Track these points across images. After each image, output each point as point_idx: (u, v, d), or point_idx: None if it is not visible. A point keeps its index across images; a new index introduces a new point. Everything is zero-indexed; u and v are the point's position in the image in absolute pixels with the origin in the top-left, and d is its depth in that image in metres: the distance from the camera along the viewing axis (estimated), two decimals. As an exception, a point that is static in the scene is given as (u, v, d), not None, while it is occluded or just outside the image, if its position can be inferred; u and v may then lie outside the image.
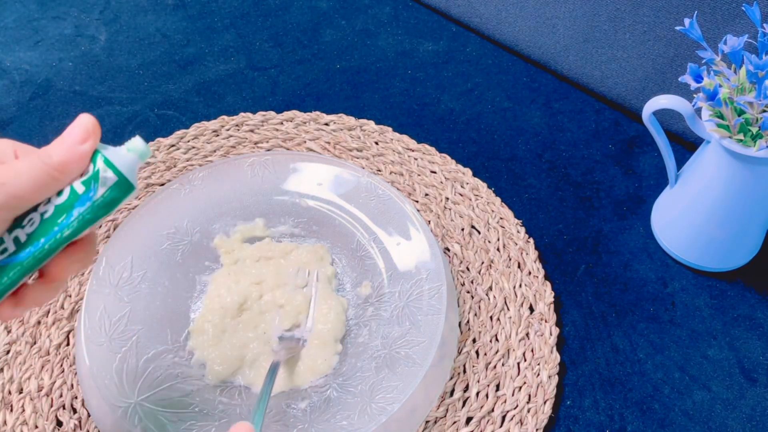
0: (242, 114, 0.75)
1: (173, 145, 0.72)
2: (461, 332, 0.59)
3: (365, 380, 0.54)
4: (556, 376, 0.57)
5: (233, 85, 0.79)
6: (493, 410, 0.55)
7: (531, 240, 0.65)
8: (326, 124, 0.74)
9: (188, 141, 0.72)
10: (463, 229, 0.65)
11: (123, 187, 0.42)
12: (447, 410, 0.55)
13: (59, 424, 0.54)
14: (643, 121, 0.59)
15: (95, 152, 0.42)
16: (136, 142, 0.42)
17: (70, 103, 0.77)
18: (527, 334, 0.59)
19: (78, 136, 0.40)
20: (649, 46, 0.71)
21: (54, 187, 0.40)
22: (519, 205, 0.68)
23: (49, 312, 0.59)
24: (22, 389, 0.56)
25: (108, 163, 0.41)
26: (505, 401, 0.55)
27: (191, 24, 0.86)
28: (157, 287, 0.58)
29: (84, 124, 0.41)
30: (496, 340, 0.59)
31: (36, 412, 0.54)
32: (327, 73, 0.80)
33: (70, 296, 0.60)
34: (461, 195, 0.68)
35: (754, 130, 0.53)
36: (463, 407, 0.55)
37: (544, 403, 0.55)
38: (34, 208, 0.41)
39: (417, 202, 0.67)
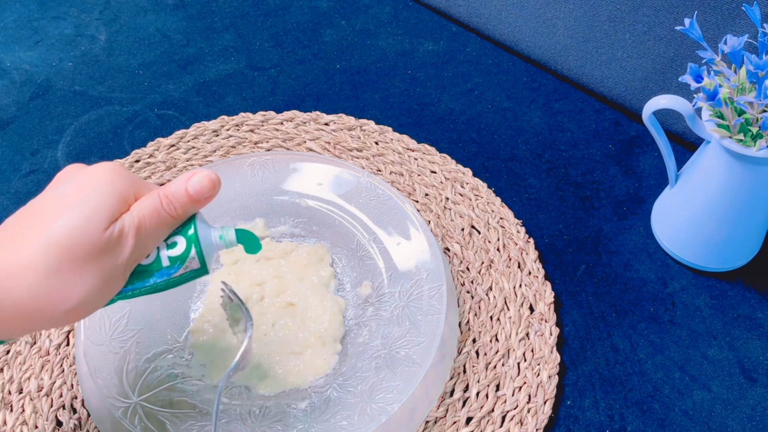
0: (242, 114, 0.75)
1: (173, 145, 0.72)
2: (461, 332, 0.59)
3: (365, 380, 0.54)
4: (556, 376, 0.57)
5: (233, 85, 0.79)
6: (493, 410, 0.55)
7: (531, 240, 0.65)
8: (326, 124, 0.74)
9: (188, 141, 0.72)
10: (463, 229, 0.65)
11: (200, 272, 0.44)
12: (447, 410, 0.55)
13: (59, 424, 0.54)
14: (643, 121, 0.59)
15: (192, 219, 0.43)
16: (230, 234, 0.45)
17: (70, 103, 0.77)
18: (527, 334, 0.59)
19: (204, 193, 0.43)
20: (649, 46, 0.71)
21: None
22: (519, 205, 0.68)
23: (49, 312, 0.59)
24: (22, 389, 0.56)
25: (198, 250, 0.43)
26: (505, 401, 0.55)
27: (191, 24, 0.86)
28: (157, 287, 0.58)
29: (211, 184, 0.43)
30: (496, 340, 0.59)
31: (36, 412, 0.54)
32: (327, 73, 0.80)
33: (70, 296, 0.60)
34: (461, 195, 0.68)
35: (754, 130, 0.53)
36: (463, 407, 0.55)
37: (544, 403, 0.55)
38: None
39: (417, 202, 0.67)
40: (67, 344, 0.58)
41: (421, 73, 0.80)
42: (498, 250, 0.64)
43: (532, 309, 0.60)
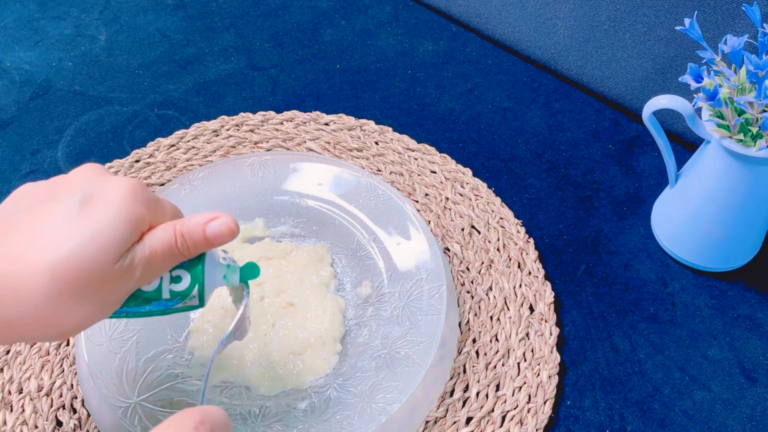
0: (242, 114, 0.75)
1: (173, 145, 0.72)
2: (461, 332, 0.59)
3: (365, 380, 0.54)
4: (556, 376, 0.57)
5: (233, 85, 0.79)
6: (493, 410, 0.55)
7: (531, 240, 0.65)
8: (326, 124, 0.74)
9: (188, 141, 0.72)
10: (463, 229, 0.65)
11: (197, 307, 0.44)
12: (447, 410, 0.55)
13: (59, 424, 0.54)
14: (643, 121, 0.59)
15: (202, 257, 0.43)
16: (234, 277, 0.44)
17: (70, 103, 0.77)
18: (527, 334, 0.59)
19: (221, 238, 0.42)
20: (649, 46, 0.71)
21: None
22: (519, 205, 0.68)
23: (49, 312, 0.59)
24: (22, 389, 0.56)
25: (200, 290, 0.43)
26: (505, 401, 0.55)
27: (191, 24, 0.86)
28: (157, 287, 0.58)
29: (230, 231, 0.42)
30: (496, 340, 0.59)
31: (36, 412, 0.54)
32: (327, 73, 0.80)
33: (70, 296, 0.60)
34: (461, 195, 0.68)
35: (754, 130, 0.53)
36: (463, 407, 0.55)
37: (544, 403, 0.55)
38: None
39: (417, 202, 0.67)
40: (67, 344, 0.58)
41: (421, 73, 0.80)
42: (498, 250, 0.64)
43: (532, 309, 0.60)
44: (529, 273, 0.62)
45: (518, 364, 0.57)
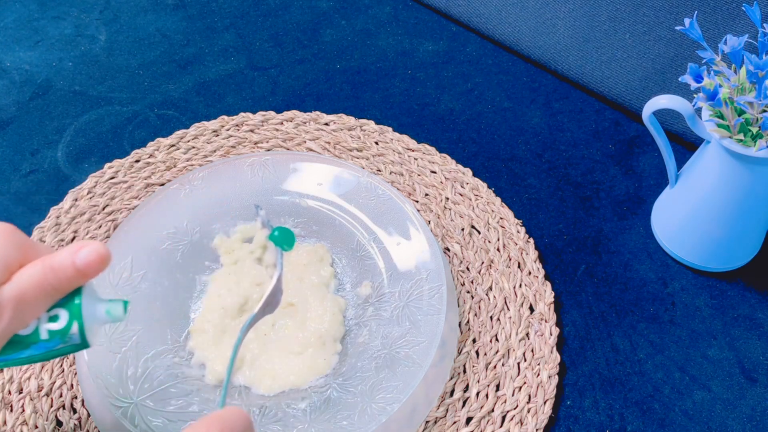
0: (242, 114, 0.75)
1: (173, 145, 0.72)
2: (461, 332, 0.59)
3: (365, 380, 0.54)
4: (556, 376, 0.57)
5: (233, 85, 0.79)
6: (493, 410, 0.55)
7: (531, 240, 0.65)
8: (326, 124, 0.74)
9: (188, 141, 0.72)
10: (463, 229, 0.65)
11: (81, 346, 0.41)
12: (447, 410, 0.55)
13: (59, 424, 0.54)
14: (643, 121, 0.59)
15: (79, 292, 0.41)
16: (117, 309, 0.42)
17: (70, 103, 0.77)
18: (527, 334, 0.59)
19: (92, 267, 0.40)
20: (649, 46, 0.71)
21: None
22: (519, 205, 0.68)
23: (49, 312, 0.59)
24: (22, 389, 0.56)
25: (80, 326, 0.40)
26: (505, 401, 0.55)
27: (191, 24, 0.86)
28: (157, 287, 0.59)
29: (101, 259, 0.40)
30: (496, 340, 0.59)
31: (36, 412, 0.54)
32: (327, 73, 0.80)
33: (70, 296, 0.60)
34: (461, 195, 0.68)
35: (754, 130, 0.53)
36: (463, 407, 0.55)
37: (544, 403, 0.55)
38: None
39: (417, 202, 0.67)
40: (67, 344, 0.58)
41: (421, 73, 0.80)
42: (498, 250, 0.64)
43: (532, 309, 0.60)
44: (529, 273, 0.62)
45: (518, 364, 0.57)
